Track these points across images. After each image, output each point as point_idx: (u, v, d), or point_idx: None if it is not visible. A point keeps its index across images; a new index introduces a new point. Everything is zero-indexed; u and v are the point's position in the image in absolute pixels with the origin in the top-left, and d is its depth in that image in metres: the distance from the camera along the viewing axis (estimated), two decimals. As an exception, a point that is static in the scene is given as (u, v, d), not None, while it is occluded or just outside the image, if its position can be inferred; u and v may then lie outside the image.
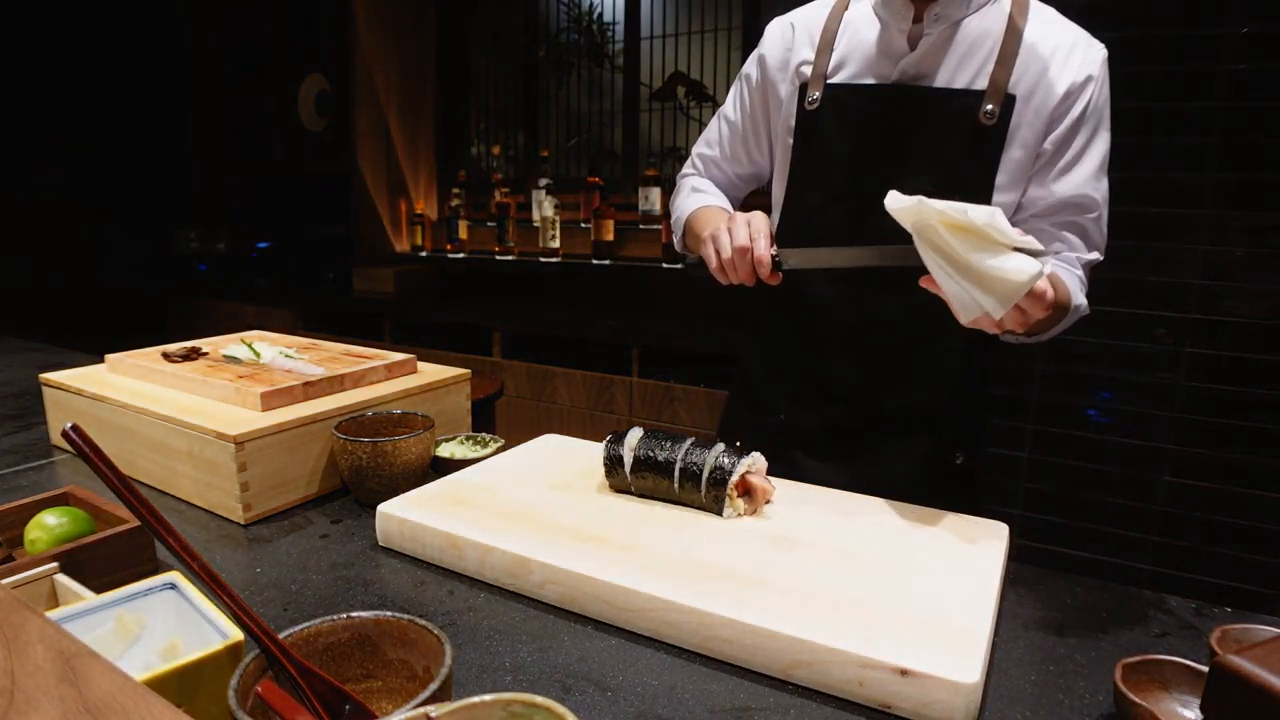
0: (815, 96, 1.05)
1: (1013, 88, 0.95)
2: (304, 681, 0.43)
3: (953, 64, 0.97)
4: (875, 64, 1.01)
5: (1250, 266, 1.89)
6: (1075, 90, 0.95)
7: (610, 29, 3.46)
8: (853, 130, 1.03)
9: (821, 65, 1.05)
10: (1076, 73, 0.95)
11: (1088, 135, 0.96)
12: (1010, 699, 0.54)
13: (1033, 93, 0.95)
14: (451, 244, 3.79)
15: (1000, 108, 0.95)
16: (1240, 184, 1.87)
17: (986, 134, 0.96)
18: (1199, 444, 1.98)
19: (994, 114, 0.95)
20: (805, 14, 1.10)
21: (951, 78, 0.97)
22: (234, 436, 0.78)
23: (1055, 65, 0.95)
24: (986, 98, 0.95)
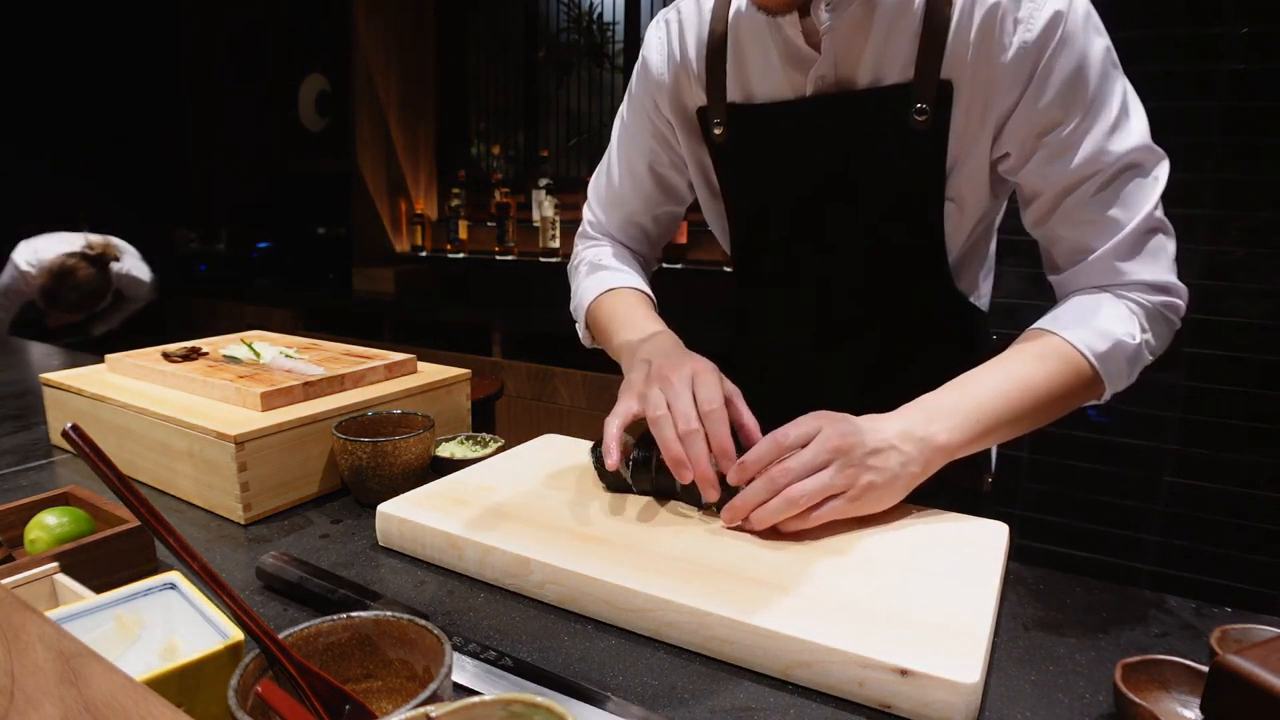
0: (718, 122, 0.88)
1: (947, 72, 0.75)
2: (304, 681, 0.43)
3: (875, 55, 0.77)
4: (783, 78, 0.82)
5: (1250, 266, 1.89)
6: (1032, 50, 0.72)
7: (610, 29, 3.46)
8: (775, 160, 0.87)
9: (717, 83, 0.86)
10: (1029, 24, 0.71)
11: (1087, 97, 0.73)
12: (1010, 699, 0.54)
13: (974, 74, 0.74)
14: (451, 244, 3.80)
15: (934, 102, 0.75)
16: (1240, 184, 1.87)
17: (922, 139, 0.77)
18: (1199, 444, 1.98)
19: (926, 111, 0.76)
20: (685, 11, 0.90)
21: (878, 73, 0.78)
22: (234, 436, 0.78)
23: (996, 25, 0.72)
24: (915, 93, 0.76)
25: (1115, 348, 0.76)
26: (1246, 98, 1.81)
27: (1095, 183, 0.75)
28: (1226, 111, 1.84)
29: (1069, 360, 0.76)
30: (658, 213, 1.04)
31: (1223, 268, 1.89)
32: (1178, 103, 1.88)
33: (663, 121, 0.95)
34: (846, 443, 0.68)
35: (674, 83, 0.92)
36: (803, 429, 0.70)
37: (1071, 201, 0.77)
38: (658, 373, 0.76)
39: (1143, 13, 1.86)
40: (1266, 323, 1.89)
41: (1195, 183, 1.88)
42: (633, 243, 1.07)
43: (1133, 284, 0.78)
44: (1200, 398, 1.96)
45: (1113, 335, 0.76)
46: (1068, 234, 0.80)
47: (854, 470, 0.68)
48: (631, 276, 1.01)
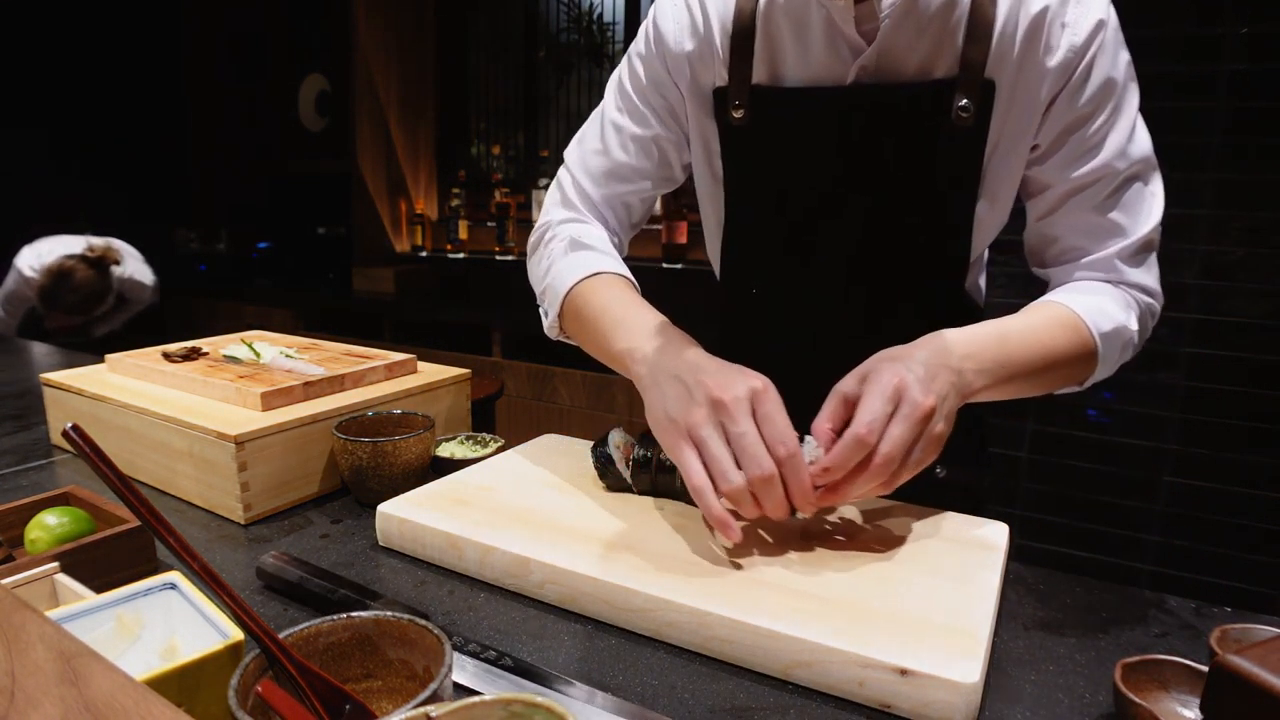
0: (739, 104, 0.83)
1: (991, 71, 0.75)
2: (304, 681, 0.43)
3: (923, 48, 0.76)
4: (822, 62, 0.79)
5: (1250, 266, 1.89)
6: (1077, 53, 0.74)
7: (610, 29, 3.46)
8: (798, 148, 0.83)
9: (742, 63, 0.82)
10: (1076, 29, 0.74)
11: (1113, 99, 0.76)
12: (1010, 699, 0.54)
13: (1018, 73, 0.76)
14: (451, 244, 3.80)
15: (978, 100, 0.76)
16: (1240, 184, 1.87)
17: (964, 135, 0.77)
18: (1199, 444, 1.98)
19: (970, 108, 0.76)
20: None
21: (924, 67, 0.77)
22: (234, 436, 0.78)
23: (1044, 29, 0.74)
24: (959, 88, 0.75)
25: (1115, 331, 0.77)
26: (1246, 98, 1.81)
27: (1107, 185, 0.78)
28: (1226, 111, 1.84)
29: (1078, 332, 0.76)
30: (651, 192, 0.97)
31: (1223, 268, 1.89)
32: (1178, 103, 1.88)
33: (674, 93, 0.89)
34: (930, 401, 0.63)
35: (693, 56, 0.86)
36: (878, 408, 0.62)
37: (1080, 200, 0.79)
38: (706, 397, 0.65)
39: (1143, 13, 1.86)
40: (1266, 323, 1.89)
41: (1195, 183, 1.88)
42: (616, 223, 0.98)
43: (1130, 284, 0.81)
44: (1200, 398, 1.96)
45: (1115, 319, 0.78)
46: (1068, 233, 0.82)
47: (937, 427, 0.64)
48: (618, 262, 0.89)
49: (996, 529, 0.72)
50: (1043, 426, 2.13)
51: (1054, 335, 0.75)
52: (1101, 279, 0.81)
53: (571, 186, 0.96)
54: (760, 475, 0.61)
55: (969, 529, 0.72)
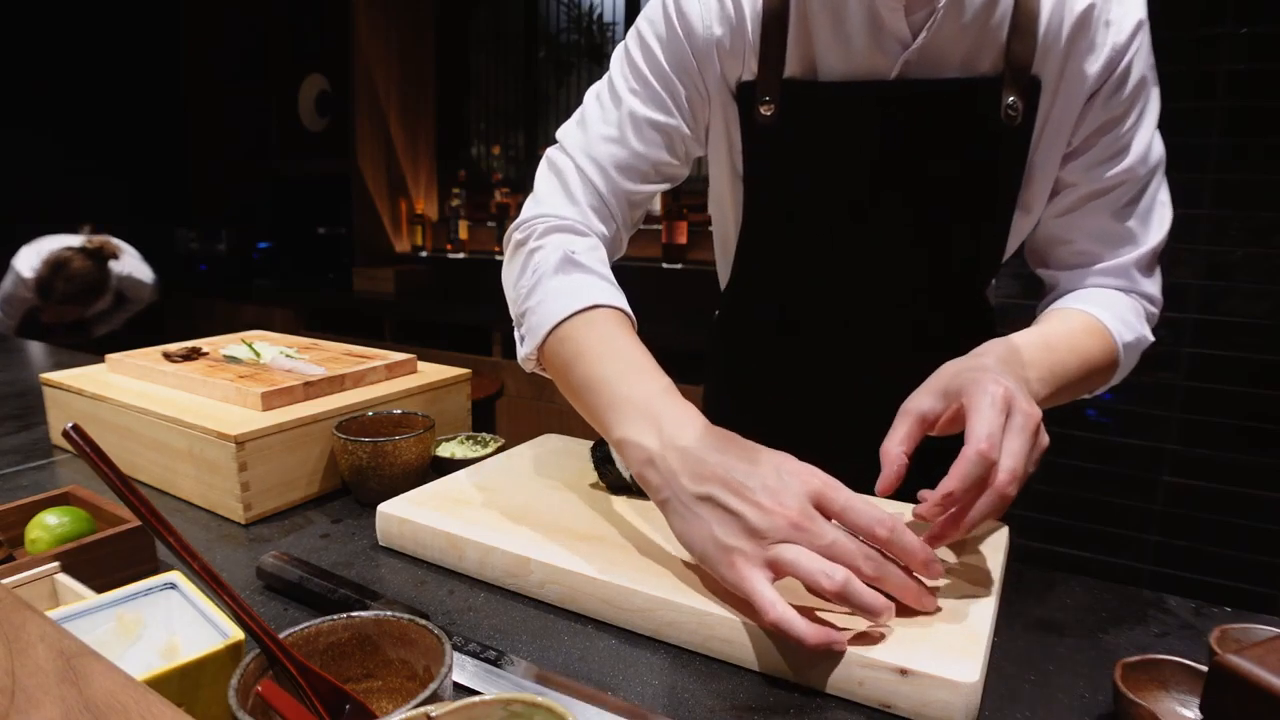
0: (768, 99, 0.78)
1: (1036, 68, 0.73)
2: (304, 681, 0.43)
3: (966, 42, 0.73)
4: (864, 55, 0.75)
5: (1250, 266, 1.89)
6: (1119, 52, 0.72)
7: (610, 29, 3.46)
8: (832, 146, 0.79)
9: (774, 54, 0.77)
10: (1119, 27, 0.72)
11: (1143, 101, 0.75)
12: (1010, 699, 0.54)
13: (1062, 70, 0.73)
14: (451, 244, 3.80)
15: (1024, 97, 0.73)
16: (1240, 184, 1.87)
17: (1012, 134, 0.74)
18: (1199, 444, 1.98)
19: (1018, 106, 0.73)
20: None
21: (970, 62, 0.74)
22: (234, 436, 0.78)
23: (1090, 26, 0.72)
24: (1006, 85, 0.73)
25: (1136, 341, 0.78)
26: (1246, 98, 1.81)
27: (1128, 190, 0.77)
28: (1226, 111, 1.84)
29: (1105, 342, 0.76)
30: (660, 188, 0.88)
31: (1223, 268, 1.89)
32: (1178, 103, 1.88)
33: (697, 83, 0.82)
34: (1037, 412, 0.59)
35: (721, 47, 0.79)
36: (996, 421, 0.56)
37: (1101, 204, 0.78)
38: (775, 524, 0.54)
39: (1143, 13, 1.86)
40: (1266, 323, 1.89)
41: (1195, 183, 1.88)
42: (622, 221, 0.86)
43: (1141, 293, 0.81)
44: (1199, 398, 1.96)
45: (1136, 329, 0.78)
46: (1083, 237, 0.81)
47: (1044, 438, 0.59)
48: (615, 291, 0.74)
49: (996, 529, 0.72)
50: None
51: (1089, 345, 0.75)
52: (1114, 286, 0.80)
53: (575, 176, 0.83)
54: (875, 572, 0.53)
55: (969, 529, 0.72)
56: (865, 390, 0.85)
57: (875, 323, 0.86)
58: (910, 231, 0.82)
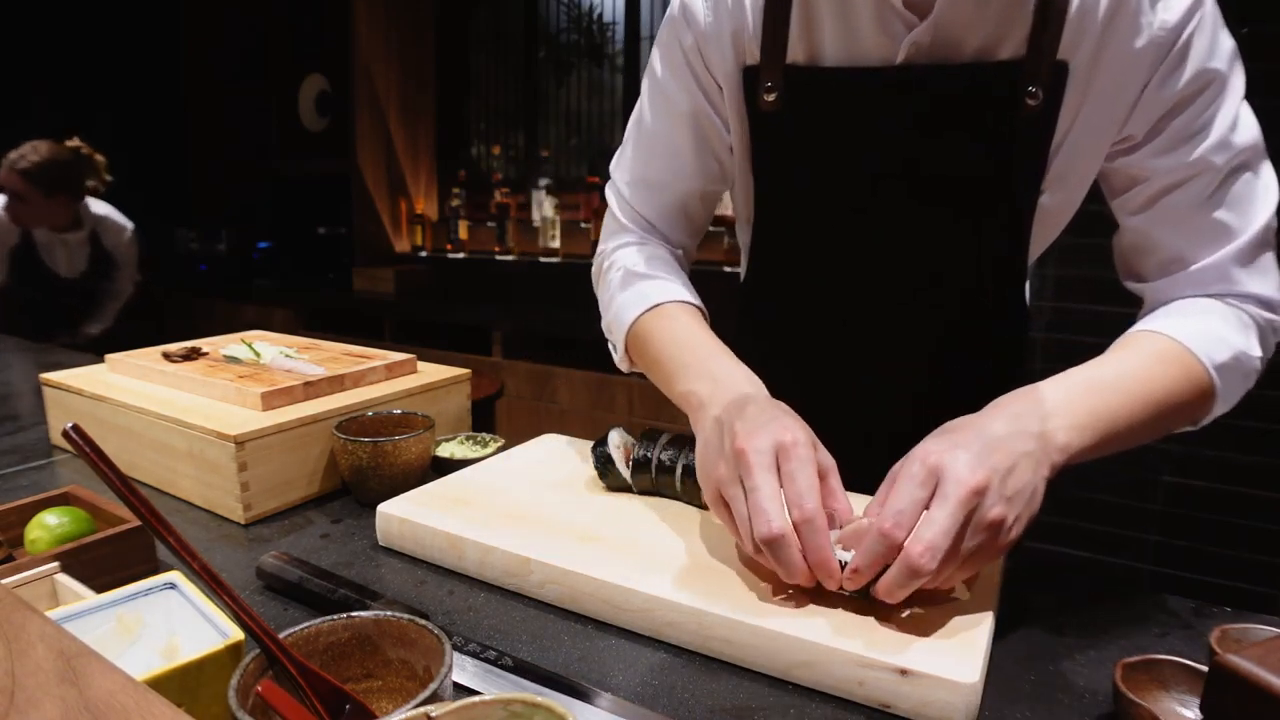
0: (770, 86, 0.75)
1: (1064, 52, 0.67)
2: (304, 681, 0.43)
3: (987, 24, 0.68)
4: (868, 38, 0.72)
5: (1250, 266, 1.89)
6: (1171, 33, 0.65)
7: (610, 29, 3.46)
8: (836, 135, 0.76)
9: (776, 38, 0.75)
10: (1168, 7, 0.65)
11: (1215, 84, 0.67)
12: (1010, 699, 0.54)
13: (1097, 54, 0.67)
14: (451, 244, 3.80)
15: (1047, 84, 0.68)
16: (1240, 184, 1.87)
17: (1031, 124, 0.69)
18: (1199, 444, 1.98)
19: (1039, 94, 0.68)
20: None
21: (987, 46, 0.69)
22: (234, 436, 0.78)
23: (1130, 6, 0.65)
24: (1028, 71, 0.68)
25: (1235, 360, 0.67)
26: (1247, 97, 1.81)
27: (1209, 180, 0.68)
28: (1226, 111, 1.84)
29: (1187, 368, 0.66)
30: (705, 191, 0.88)
31: (1223, 268, 1.89)
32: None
33: (708, 78, 0.81)
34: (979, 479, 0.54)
35: (727, 37, 0.78)
36: (905, 497, 0.54)
37: (1178, 198, 0.70)
38: (730, 448, 0.61)
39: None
40: (1266, 323, 1.89)
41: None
42: (671, 231, 0.91)
43: (1246, 296, 0.70)
44: (1200, 398, 1.96)
45: (1233, 346, 0.67)
46: (1167, 237, 0.72)
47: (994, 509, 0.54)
48: (675, 286, 0.84)
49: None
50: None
51: (1158, 374, 0.65)
52: (1210, 293, 0.71)
53: (620, 208, 0.90)
54: (767, 535, 0.55)
55: (969, 529, 0.72)
56: (871, 388, 0.85)
57: (882, 321, 0.82)
58: (916, 228, 0.78)
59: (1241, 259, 0.69)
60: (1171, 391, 0.65)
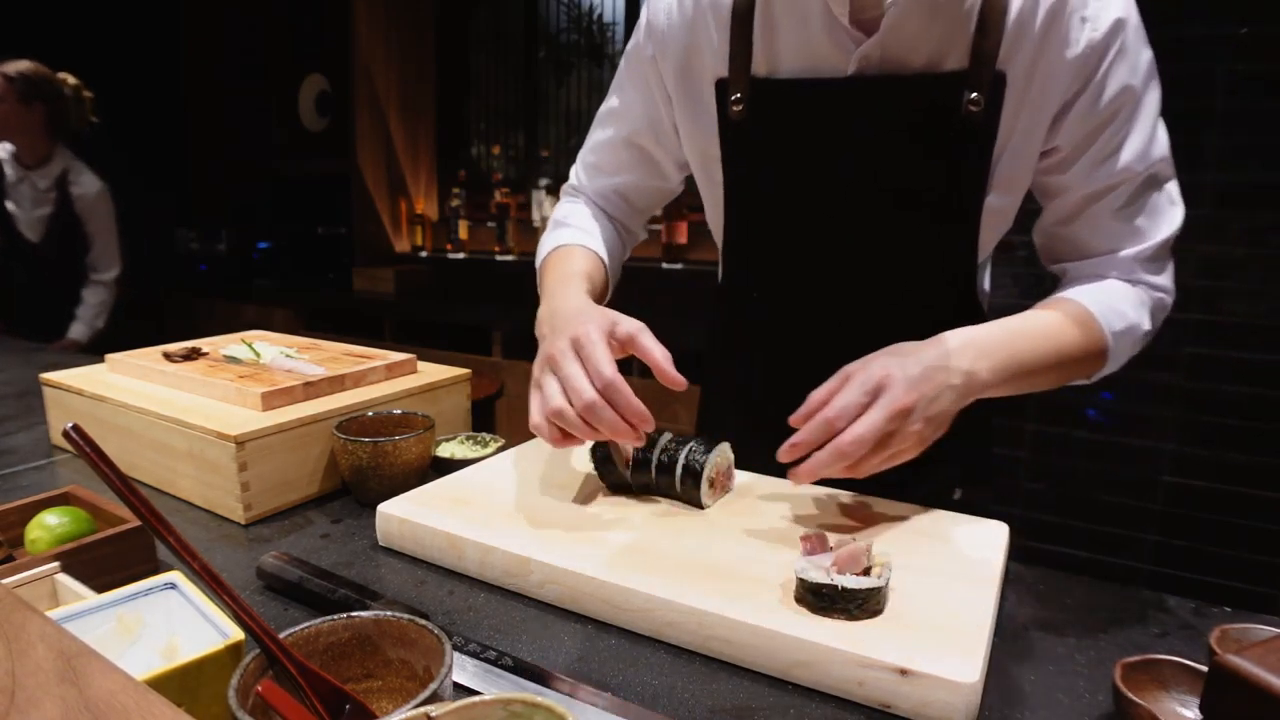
0: (738, 97, 0.81)
1: (1003, 63, 0.73)
2: (304, 681, 0.43)
3: (931, 38, 0.74)
4: (821, 52, 0.77)
5: (1250, 266, 1.89)
6: (1096, 51, 0.72)
7: (610, 29, 3.46)
8: (798, 141, 0.82)
9: (742, 53, 0.80)
10: (1096, 24, 0.71)
11: (1133, 100, 0.74)
12: (1010, 699, 0.54)
13: (1033, 66, 0.73)
14: (451, 244, 3.80)
15: (988, 93, 0.73)
16: (1240, 184, 1.87)
17: (973, 130, 0.75)
18: (1199, 444, 1.98)
19: (980, 101, 0.73)
20: None
21: (932, 58, 0.75)
22: (234, 436, 0.78)
23: (1063, 21, 0.71)
24: (969, 81, 0.73)
25: (1127, 329, 0.78)
26: (1247, 98, 1.81)
27: (1127, 190, 0.77)
28: (1226, 111, 1.84)
29: (1090, 330, 0.77)
30: (640, 185, 0.99)
31: (1223, 268, 1.89)
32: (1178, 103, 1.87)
33: (660, 93, 0.89)
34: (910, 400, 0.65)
35: (685, 51, 0.85)
36: (850, 397, 0.66)
37: (1101, 206, 0.79)
38: (545, 352, 0.72)
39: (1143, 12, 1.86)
40: (1266, 323, 1.89)
41: (1195, 183, 1.88)
42: (613, 210, 1.03)
43: (1145, 283, 0.81)
44: (1199, 398, 1.96)
45: (1128, 318, 0.78)
46: (1087, 236, 0.81)
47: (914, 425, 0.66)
48: (586, 235, 0.96)
49: (996, 529, 0.72)
50: (1043, 426, 2.13)
51: (1066, 333, 0.76)
52: (1119, 277, 0.81)
53: (571, 176, 1.05)
54: (583, 404, 0.66)
55: (969, 529, 0.72)
56: None
57: (848, 317, 0.87)
58: (876, 229, 0.83)
59: (1145, 261, 0.80)
60: (1075, 348, 0.77)
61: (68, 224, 2.51)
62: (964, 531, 0.72)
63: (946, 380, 0.68)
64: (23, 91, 2.39)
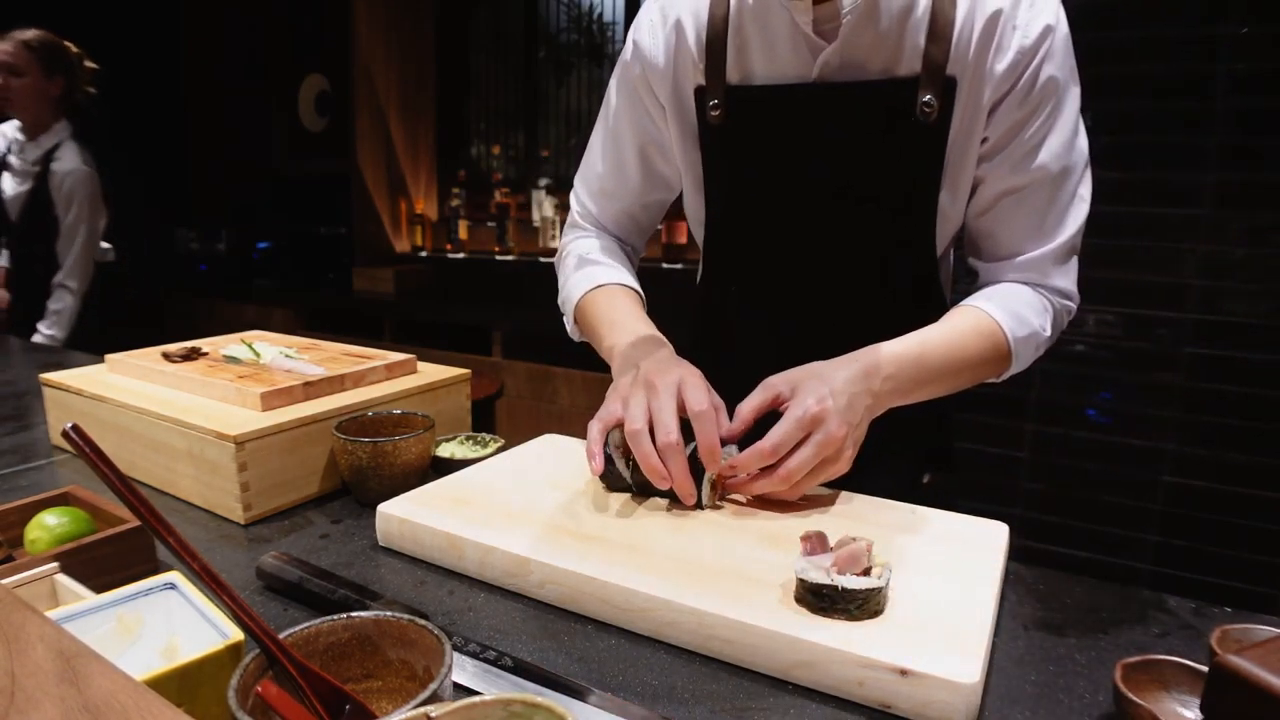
0: (716, 104, 0.87)
1: (952, 68, 0.78)
2: (304, 681, 0.43)
3: (887, 45, 0.79)
4: (787, 60, 0.83)
5: (1250, 266, 1.89)
6: (1027, 53, 0.77)
7: (610, 29, 3.46)
8: (770, 143, 0.87)
9: (717, 65, 0.87)
10: (1026, 32, 0.77)
11: (1054, 103, 0.79)
12: (1010, 699, 0.54)
13: (975, 69, 0.78)
14: (451, 244, 3.80)
15: (940, 96, 0.79)
16: (1240, 184, 1.87)
17: (927, 131, 0.80)
18: (1199, 444, 1.98)
19: (934, 104, 0.79)
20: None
21: (888, 64, 0.80)
22: (234, 436, 0.78)
23: (998, 29, 0.77)
24: (923, 85, 0.79)
25: (1029, 336, 0.84)
26: (1247, 98, 1.81)
27: (1041, 188, 0.82)
28: (1226, 111, 1.84)
29: (994, 339, 0.83)
30: (648, 201, 1.04)
31: (1223, 268, 1.89)
32: (1178, 102, 1.88)
33: (655, 105, 0.94)
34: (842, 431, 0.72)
35: (670, 65, 0.91)
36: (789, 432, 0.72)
37: (1015, 200, 0.84)
38: (644, 379, 0.77)
39: (1143, 12, 1.86)
40: (1266, 323, 1.89)
41: (1195, 183, 1.88)
42: (623, 233, 1.07)
43: (1050, 288, 0.86)
44: (1199, 398, 1.96)
45: (1030, 324, 0.84)
46: (1003, 231, 0.86)
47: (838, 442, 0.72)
48: (620, 272, 1.00)
49: (996, 529, 0.72)
50: (1043, 426, 2.13)
51: (971, 342, 0.82)
52: (1024, 280, 0.86)
53: (577, 207, 1.07)
54: (666, 441, 0.71)
55: (969, 529, 0.72)
56: None
57: (823, 314, 0.92)
58: (847, 224, 0.88)
59: (1056, 259, 0.85)
60: (979, 357, 0.83)
61: (42, 204, 2.25)
62: (964, 531, 0.72)
63: (864, 403, 0.75)
64: (47, 64, 2.22)
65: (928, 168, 0.83)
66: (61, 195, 2.25)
